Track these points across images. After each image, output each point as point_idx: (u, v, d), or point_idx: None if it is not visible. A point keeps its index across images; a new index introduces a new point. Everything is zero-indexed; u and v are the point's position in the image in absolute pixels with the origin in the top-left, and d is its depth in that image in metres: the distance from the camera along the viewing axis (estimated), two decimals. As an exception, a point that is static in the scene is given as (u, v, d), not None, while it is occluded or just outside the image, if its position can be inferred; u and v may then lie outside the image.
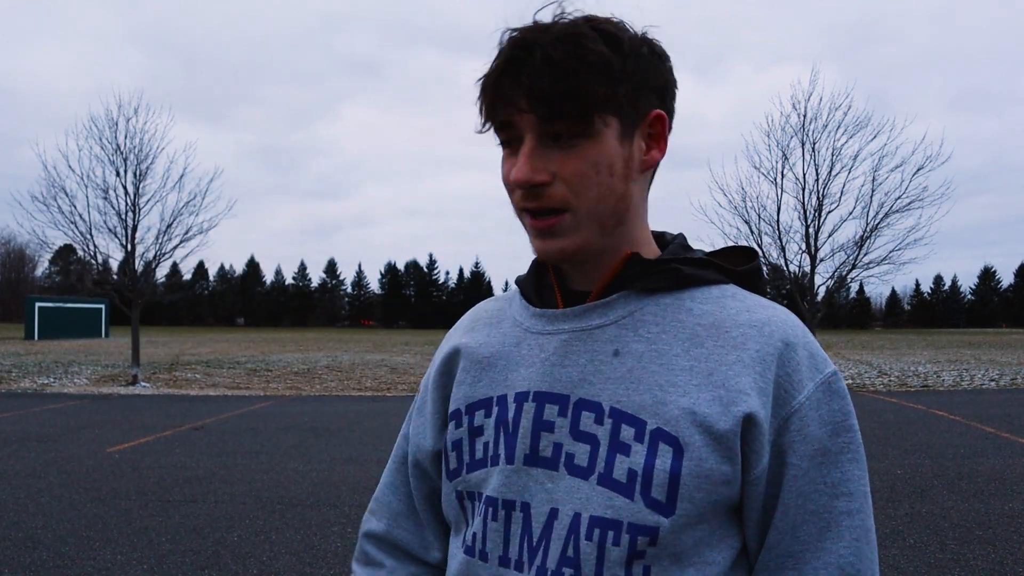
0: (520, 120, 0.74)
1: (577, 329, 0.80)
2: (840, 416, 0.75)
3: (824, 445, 0.74)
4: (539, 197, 0.75)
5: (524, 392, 0.81)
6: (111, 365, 20.60)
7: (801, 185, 15.13)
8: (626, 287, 0.80)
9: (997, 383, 15.44)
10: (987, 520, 5.02)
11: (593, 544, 0.73)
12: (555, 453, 0.77)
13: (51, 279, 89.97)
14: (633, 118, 0.77)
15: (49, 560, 4.31)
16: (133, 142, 15.66)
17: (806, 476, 0.74)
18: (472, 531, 0.82)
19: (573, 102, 0.71)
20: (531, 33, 0.73)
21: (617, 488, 0.73)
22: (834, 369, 0.77)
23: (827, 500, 0.74)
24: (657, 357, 0.76)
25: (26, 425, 9.61)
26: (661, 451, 0.72)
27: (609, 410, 0.75)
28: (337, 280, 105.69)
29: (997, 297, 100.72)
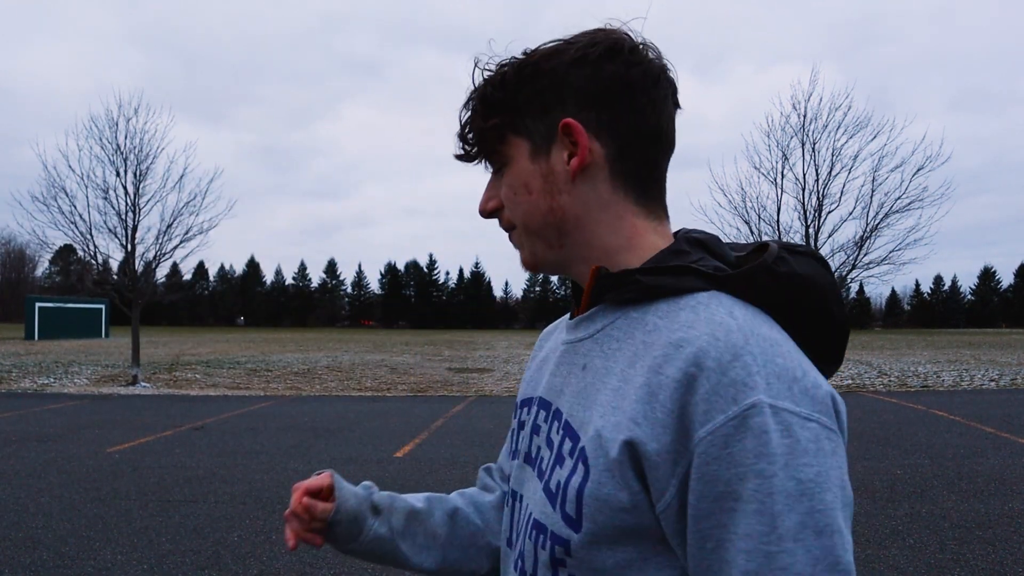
0: None
1: (570, 341, 0.86)
2: (752, 458, 0.61)
3: (730, 488, 0.62)
4: (499, 221, 0.87)
5: (537, 397, 0.90)
6: (111, 365, 20.60)
7: (801, 185, 15.10)
8: (602, 301, 0.80)
9: (997, 383, 15.44)
10: (987, 520, 5.02)
11: (532, 544, 0.78)
12: (537, 454, 0.85)
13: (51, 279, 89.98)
14: (544, 135, 0.79)
15: (49, 560, 4.31)
16: (133, 142, 15.70)
17: (705, 520, 0.63)
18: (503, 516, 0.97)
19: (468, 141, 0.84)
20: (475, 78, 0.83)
21: (549, 497, 0.76)
22: (757, 400, 0.62)
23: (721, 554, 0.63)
24: (605, 374, 0.76)
25: (26, 425, 9.61)
26: (578, 469, 0.72)
27: (564, 422, 0.79)
28: (337, 280, 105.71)
29: (997, 297, 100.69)
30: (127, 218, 15.69)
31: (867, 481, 6.22)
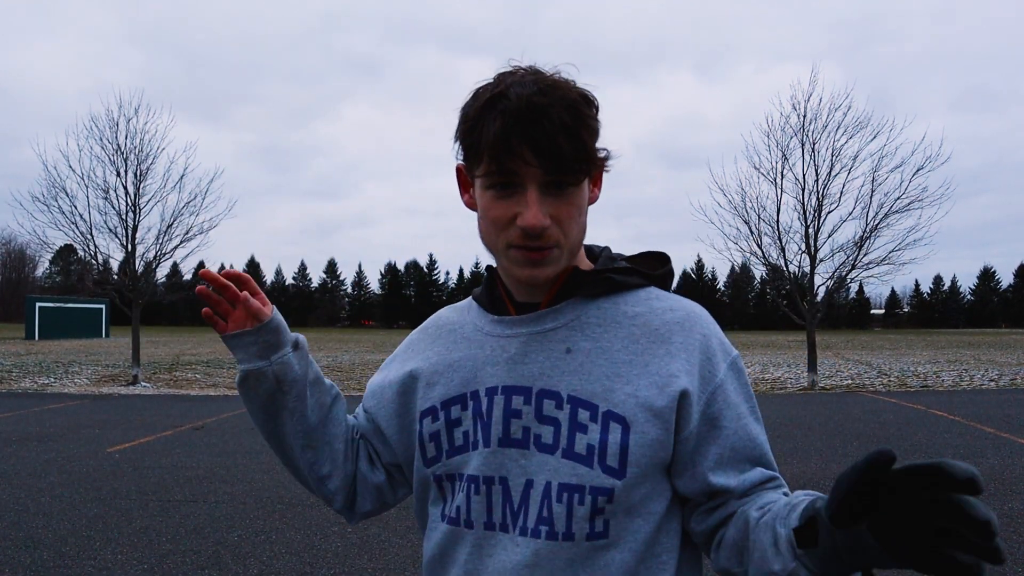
0: (525, 171, 0.88)
1: (533, 332, 0.97)
2: (746, 387, 0.98)
3: (740, 409, 0.95)
4: (540, 237, 0.90)
5: (493, 387, 0.96)
6: (111, 365, 20.60)
7: (801, 185, 15.15)
8: (571, 296, 0.98)
9: (997, 383, 15.44)
10: (987, 520, 5.02)
11: (563, 505, 0.90)
12: (525, 435, 0.93)
13: (51, 279, 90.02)
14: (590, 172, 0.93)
15: (49, 560, 4.31)
16: (133, 142, 15.71)
17: (736, 434, 0.94)
18: (455, 505, 0.97)
19: (580, 161, 0.88)
20: (536, 97, 0.86)
21: (579, 459, 0.90)
22: (737, 352, 0.99)
23: (750, 447, 0.95)
24: (602, 353, 0.94)
25: (26, 425, 9.61)
26: (612, 428, 0.90)
27: (567, 397, 0.92)
28: (337, 280, 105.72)
29: (997, 297, 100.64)
30: (127, 218, 15.71)
31: (867, 481, 6.22)
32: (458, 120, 0.94)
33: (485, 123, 0.87)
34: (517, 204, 0.90)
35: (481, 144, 0.88)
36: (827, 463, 6.99)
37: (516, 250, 0.92)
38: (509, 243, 0.92)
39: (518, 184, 0.89)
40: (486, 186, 0.91)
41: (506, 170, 0.88)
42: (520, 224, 0.89)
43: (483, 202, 0.93)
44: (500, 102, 0.87)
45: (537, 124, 0.84)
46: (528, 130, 0.85)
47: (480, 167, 0.90)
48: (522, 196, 0.89)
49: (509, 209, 0.90)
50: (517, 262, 0.93)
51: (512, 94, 0.86)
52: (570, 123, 0.86)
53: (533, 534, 0.90)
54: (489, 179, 0.90)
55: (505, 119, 0.85)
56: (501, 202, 0.91)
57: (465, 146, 0.92)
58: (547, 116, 0.84)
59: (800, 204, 15.14)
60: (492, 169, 0.89)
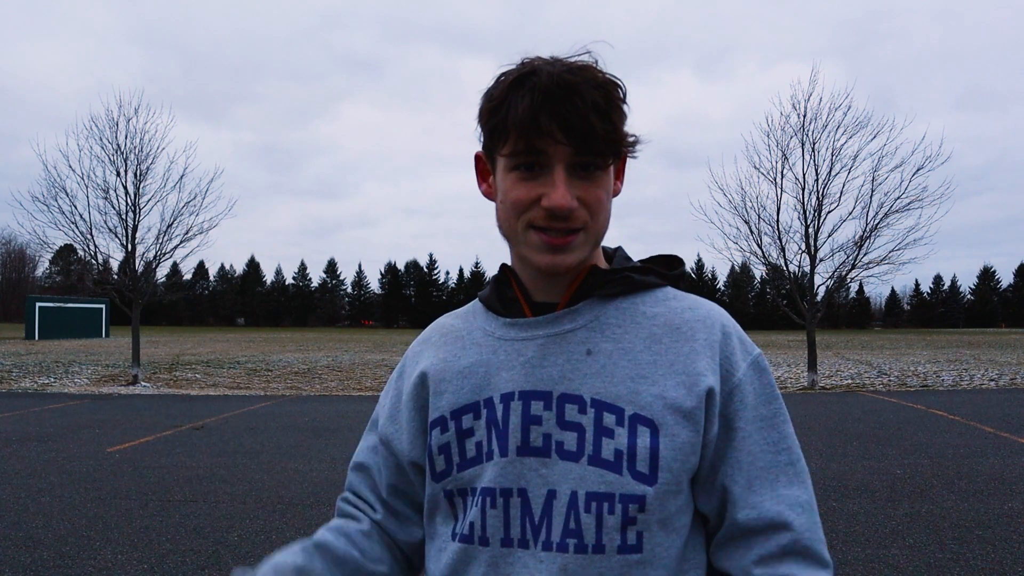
0: (554, 150, 0.84)
1: (551, 334, 0.92)
2: (769, 387, 0.92)
3: (760, 412, 0.91)
4: (566, 219, 0.86)
5: (510, 392, 0.91)
6: (111, 365, 20.60)
7: (801, 185, 15.14)
8: (588, 295, 0.94)
9: (996, 383, 15.44)
10: (987, 520, 5.02)
11: (592, 516, 0.84)
12: (545, 442, 0.88)
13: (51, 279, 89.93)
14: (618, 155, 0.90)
15: (49, 560, 4.31)
16: (133, 142, 15.69)
17: (751, 438, 0.89)
18: (468, 521, 0.91)
19: (611, 142, 0.85)
20: (567, 74, 0.83)
21: (607, 466, 0.85)
22: (759, 351, 0.95)
23: (772, 456, 0.90)
24: (625, 354, 0.90)
25: (26, 425, 9.61)
26: (640, 432, 0.86)
27: (590, 401, 0.88)
28: (337, 280, 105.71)
29: (997, 297, 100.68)
30: (127, 218, 15.70)
31: (867, 481, 6.22)
32: (481, 103, 0.90)
33: (513, 101, 0.84)
34: (542, 185, 0.86)
35: (508, 122, 0.84)
36: (827, 463, 6.99)
37: (537, 233, 0.87)
38: (530, 223, 0.87)
39: (544, 165, 0.85)
40: (510, 167, 0.87)
41: (534, 148, 0.84)
42: (546, 204, 0.85)
43: (505, 184, 0.89)
44: (529, 80, 0.84)
45: (569, 101, 0.81)
46: (559, 107, 0.82)
47: (506, 146, 0.86)
48: (548, 177, 0.85)
49: (533, 190, 0.86)
50: (537, 247, 0.88)
51: (542, 72, 0.83)
52: (602, 103, 0.83)
53: (559, 548, 0.85)
54: (515, 159, 0.86)
55: (534, 96, 0.82)
56: (525, 183, 0.87)
57: (490, 127, 0.87)
58: (579, 94, 0.82)
59: (800, 204, 15.14)
60: (519, 148, 0.85)
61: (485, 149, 0.93)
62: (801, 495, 0.89)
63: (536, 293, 0.96)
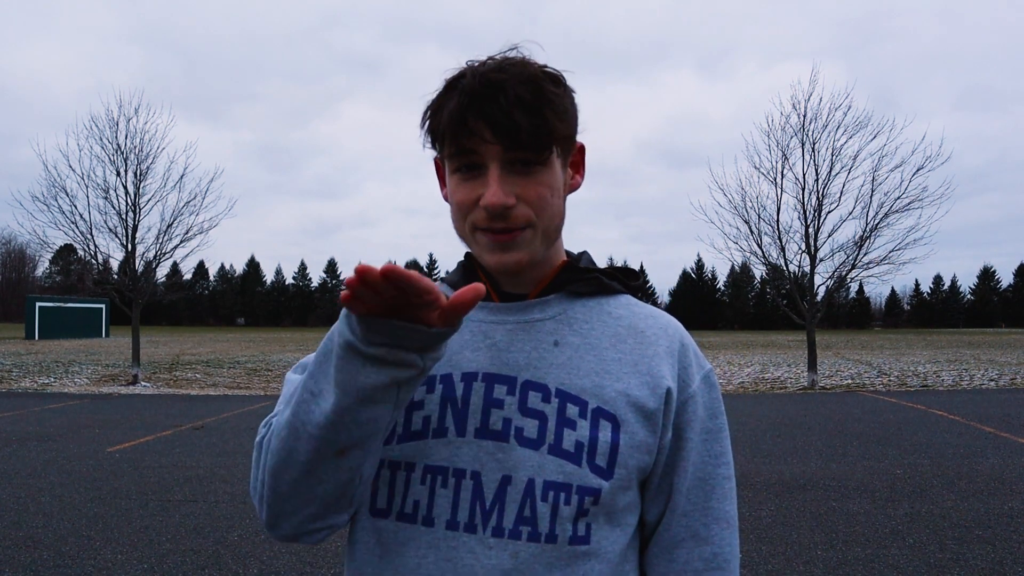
0: (485, 150, 0.84)
1: (520, 321, 0.93)
2: (716, 403, 0.96)
3: (707, 425, 0.94)
4: (506, 218, 0.86)
5: (472, 372, 0.90)
6: (111, 365, 20.60)
7: (801, 185, 15.16)
8: (558, 290, 0.95)
9: (996, 383, 15.44)
10: (987, 520, 5.02)
11: (548, 505, 0.85)
12: (505, 427, 0.87)
13: (51, 279, 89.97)
14: (568, 149, 0.91)
15: (49, 560, 4.31)
16: (133, 142, 15.72)
17: (697, 449, 0.93)
18: (411, 499, 0.87)
19: (539, 136, 0.83)
20: (492, 73, 0.83)
21: (567, 456, 0.86)
22: (711, 366, 0.99)
23: (712, 468, 0.94)
24: (591, 349, 0.91)
25: (26, 425, 9.61)
26: (602, 426, 0.87)
27: (555, 391, 0.88)
28: (337, 280, 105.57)
29: (996, 297, 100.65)
30: (127, 218, 15.72)
31: (867, 481, 6.22)
32: None
33: (444, 104, 0.85)
34: (481, 185, 0.85)
35: (440, 126, 0.85)
36: (827, 463, 6.99)
37: (483, 233, 0.87)
38: (475, 225, 0.88)
39: (481, 165, 0.85)
40: (452, 170, 0.88)
41: (465, 149, 0.84)
42: (481, 203, 0.85)
43: (450, 187, 0.89)
44: (458, 82, 0.85)
45: (492, 99, 0.81)
46: (483, 106, 0.81)
47: (444, 150, 0.87)
48: (483, 177, 0.85)
49: (473, 191, 0.86)
50: (485, 247, 0.88)
51: (469, 73, 0.84)
52: (528, 97, 0.82)
53: (512, 535, 0.84)
54: (452, 162, 0.87)
55: (461, 97, 0.83)
56: (465, 184, 0.87)
57: (429, 134, 0.89)
58: (502, 91, 0.81)
59: (800, 204, 15.15)
60: (452, 150, 0.85)
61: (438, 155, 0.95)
62: (730, 511, 0.95)
63: (504, 284, 0.96)
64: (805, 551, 4.43)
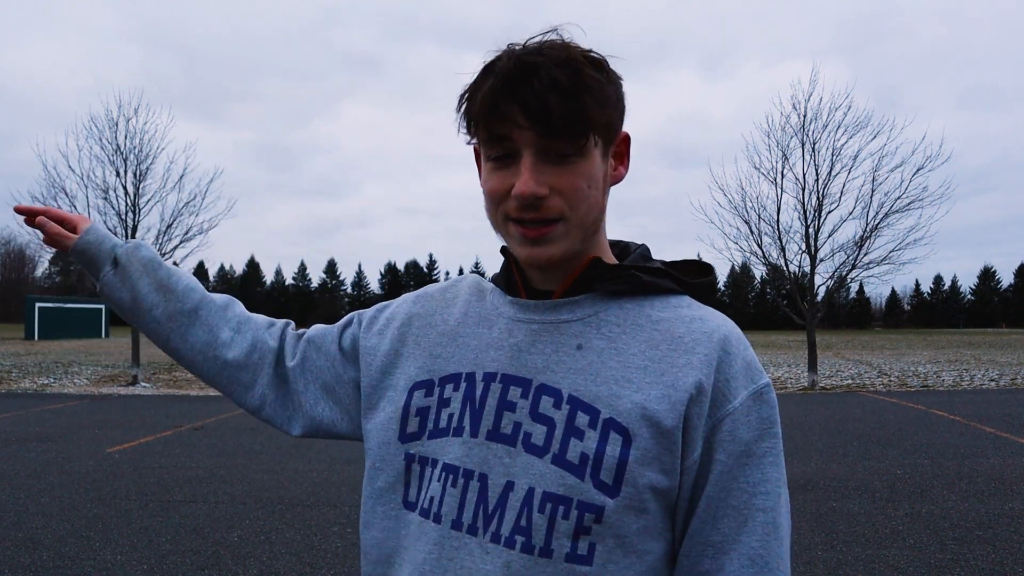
0: (519, 136, 0.80)
1: (546, 321, 0.88)
2: (767, 424, 0.83)
3: (750, 448, 0.82)
4: (538, 209, 0.81)
5: (492, 373, 0.87)
6: (111, 365, 20.60)
7: (801, 185, 15.15)
8: (590, 289, 0.89)
9: (997, 383, 15.44)
10: (987, 520, 5.02)
11: (544, 517, 0.80)
12: (514, 431, 0.84)
13: (51, 279, 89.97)
14: (610, 138, 0.86)
15: (49, 560, 4.31)
16: (133, 142, 15.71)
17: (730, 473, 0.81)
18: (428, 495, 0.87)
19: (575, 123, 0.79)
20: (529, 56, 0.79)
21: (570, 468, 0.80)
22: (768, 381, 0.85)
23: (747, 497, 0.81)
24: (616, 354, 0.85)
25: (26, 425, 9.61)
26: (612, 439, 0.80)
27: (567, 397, 0.83)
28: (337, 280, 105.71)
29: (997, 297, 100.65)
30: (127, 218, 15.72)
31: (867, 481, 6.22)
32: None
33: (478, 89, 0.81)
34: (513, 174, 0.82)
35: (474, 112, 0.82)
36: (827, 463, 6.99)
37: (514, 224, 0.84)
38: (507, 216, 0.84)
39: (515, 153, 0.81)
40: (486, 158, 0.85)
41: (498, 135, 0.81)
42: (512, 193, 0.81)
43: (484, 175, 0.86)
44: (494, 65, 0.81)
45: (526, 82, 0.77)
46: (516, 88, 0.77)
47: (477, 136, 0.84)
48: (516, 165, 0.81)
49: (505, 180, 0.82)
50: (516, 239, 0.85)
51: (505, 55, 0.81)
52: (564, 81, 0.77)
53: (507, 543, 0.81)
54: (485, 148, 0.84)
55: (494, 80, 0.79)
56: (498, 173, 0.83)
57: (463, 120, 0.85)
58: (536, 73, 0.77)
59: (800, 204, 15.15)
60: (484, 136, 0.82)
61: None
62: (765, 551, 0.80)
63: (534, 280, 0.92)
64: (805, 551, 4.43)
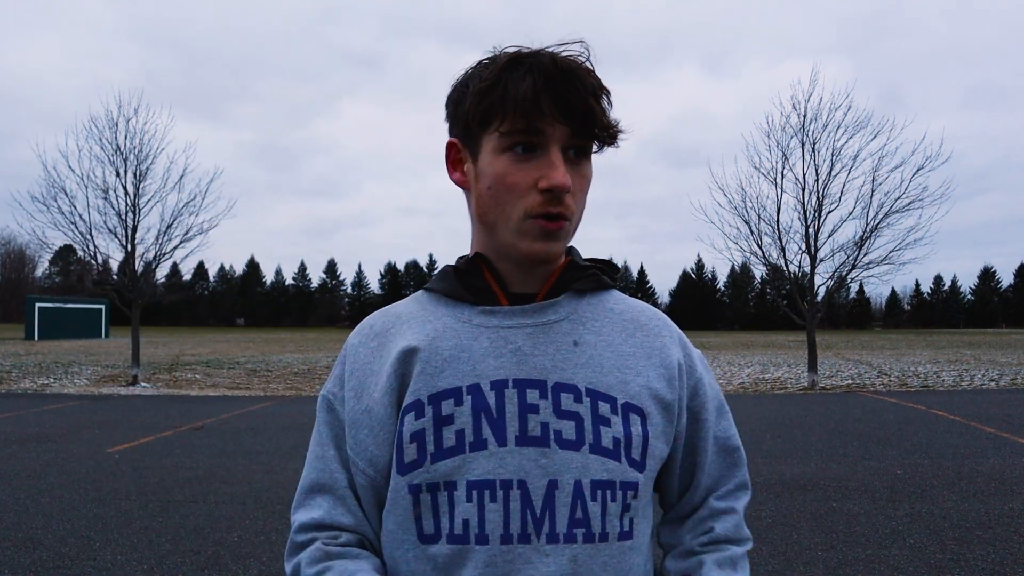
0: (552, 131, 0.84)
1: (538, 323, 0.91)
2: (715, 381, 1.02)
3: (718, 402, 1.00)
4: (562, 203, 0.85)
5: (502, 380, 0.87)
6: (111, 365, 20.59)
7: (801, 185, 15.14)
8: (565, 289, 0.95)
9: (997, 383, 15.44)
10: (987, 520, 5.02)
11: (598, 504, 0.85)
12: (544, 432, 0.85)
13: (51, 279, 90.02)
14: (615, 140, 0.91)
15: (49, 560, 4.31)
16: (133, 142, 15.70)
17: (713, 428, 0.99)
18: (460, 519, 0.83)
19: (606, 127, 0.86)
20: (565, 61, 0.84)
21: (608, 454, 0.86)
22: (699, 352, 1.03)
23: (724, 439, 1.00)
24: (607, 346, 0.92)
25: (26, 425, 9.61)
26: (632, 420, 0.89)
27: (585, 390, 0.88)
28: (337, 280, 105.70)
29: (997, 297, 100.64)
30: (127, 218, 15.71)
31: (867, 481, 6.22)
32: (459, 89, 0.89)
33: (511, 81, 0.83)
34: (537, 168, 0.84)
35: (507, 102, 0.83)
36: (827, 463, 6.98)
37: (535, 220, 0.85)
38: (528, 212, 0.85)
39: (541, 146, 0.84)
40: (504, 148, 0.85)
41: (534, 128, 0.83)
42: (544, 185, 0.83)
43: (498, 167, 0.86)
44: (526, 61, 0.83)
45: (570, 83, 0.83)
46: (560, 88, 0.82)
47: (503, 125, 0.84)
48: (545, 158, 0.84)
49: (531, 173, 0.85)
50: (532, 234, 0.86)
51: (543, 54, 0.84)
52: (599, 89, 0.85)
53: (567, 539, 0.83)
54: (509, 138, 0.84)
55: (535, 76, 0.82)
56: (522, 165, 0.85)
57: (483, 107, 0.85)
58: (579, 77, 0.83)
59: (800, 204, 15.14)
60: (519, 127, 0.83)
61: (464, 134, 0.91)
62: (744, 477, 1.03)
63: (513, 284, 0.93)
64: (805, 551, 4.43)
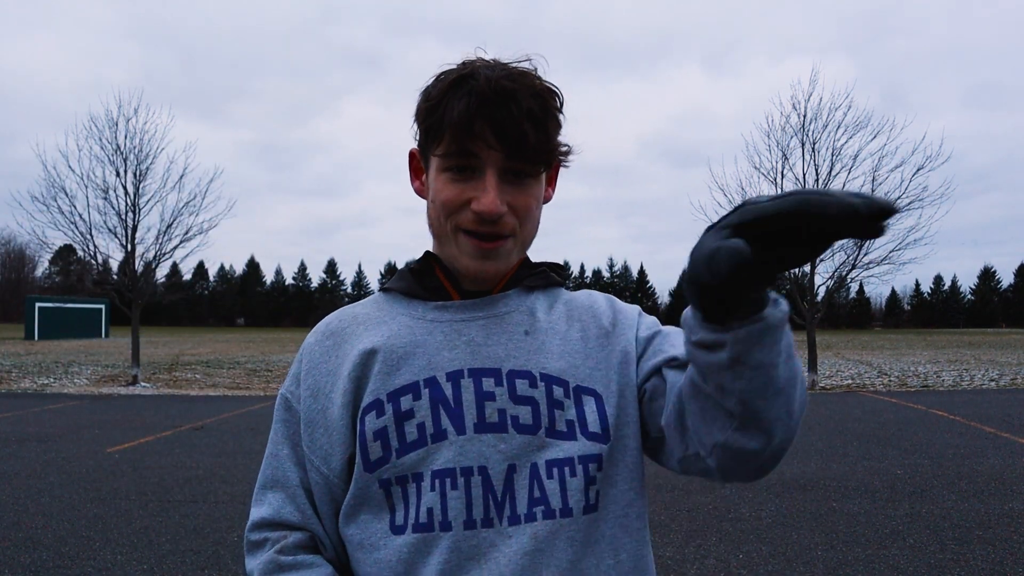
0: (486, 155, 0.86)
1: (490, 315, 0.95)
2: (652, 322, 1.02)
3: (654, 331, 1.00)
4: (494, 224, 0.88)
5: (457, 371, 0.90)
6: (111, 365, 20.59)
7: (801, 185, 15.14)
8: (516, 285, 0.99)
9: (997, 383, 15.44)
10: (987, 520, 5.02)
11: (555, 480, 0.87)
12: (501, 418, 0.88)
13: (51, 279, 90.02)
14: (551, 164, 0.93)
15: (49, 560, 4.31)
16: (133, 142, 15.70)
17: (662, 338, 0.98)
18: (424, 508, 0.86)
19: (543, 151, 0.87)
20: (504, 80, 0.84)
21: (562, 436, 0.89)
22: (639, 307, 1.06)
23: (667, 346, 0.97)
24: (556, 334, 0.95)
25: (26, 425, 9.61)
26: (586, 401, 0.91)
27: (539, 375, 0.91)
28: (337, 280, 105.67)
29: (997, 297, 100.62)
30: (127, 218, 15.70)
31: (867, 481, 6.22)
32: (419, 101, 0.92)
33: (450, 102, 0.85)
34: (473, 188, 0.87)
35: (444, 123, 0.86)
36: (827, 463, 6.98)
37: (467, 237, 0.89)
38: (459, 227, 0.89)
39: (476, 168, 0.87)
40: (442, 168, 0.89)
41: (466, 151, 0.86)
42: (475, 208, 0.86)
43: (437, 184, 0.90)
44: (467, 82, 0.85)
45: (504, 107, 0.83)
46: (494, 112, 0.83)
47: (439, 147, 0.88)
48: (480, 181, 0.87)
49: (464, 193, 0.88)
50: (468, 252, 0.90)
51: (480, 75, 0.85)
52: (537, 111, 0.85)
53: (527, 519, 0.84)
54: (447, 160, 0.88)
55: (471, 99, 0.83)
56: (456, 185, 0.88)
57: (426, 126, 0.89)
58: (515, 100, 0.83)
59: (800, 204, 15.12)
60: (452, 149, 0.86)
61: (420, 147, 0.95)
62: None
63: (466, 282, 0.97)
64: (805, 551, 4.43)
